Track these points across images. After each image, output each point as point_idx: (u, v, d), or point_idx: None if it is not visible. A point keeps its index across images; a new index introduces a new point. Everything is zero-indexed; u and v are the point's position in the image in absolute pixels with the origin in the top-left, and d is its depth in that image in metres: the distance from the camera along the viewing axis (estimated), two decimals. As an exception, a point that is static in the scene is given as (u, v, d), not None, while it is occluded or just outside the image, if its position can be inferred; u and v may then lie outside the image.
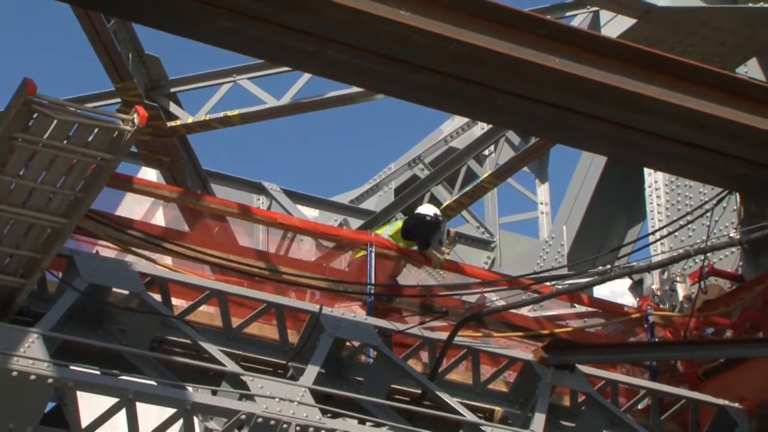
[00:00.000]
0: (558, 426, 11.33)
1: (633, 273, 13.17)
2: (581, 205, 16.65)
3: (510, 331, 12.00)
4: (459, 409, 10.64)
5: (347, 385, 10.76)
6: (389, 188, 18.14)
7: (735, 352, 12.09)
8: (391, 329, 11.05)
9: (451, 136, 17.70)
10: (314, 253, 12.39)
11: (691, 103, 10.31)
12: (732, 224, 13.67)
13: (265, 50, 10.24)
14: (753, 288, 12.36)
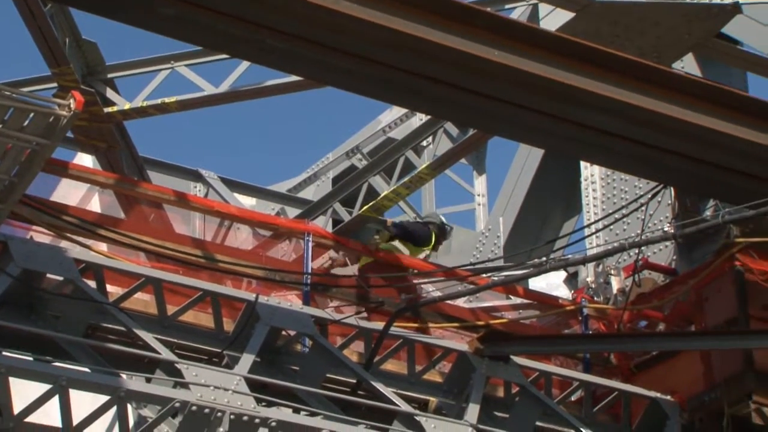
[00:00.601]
0: (491, 417, 11.38)
1: (568, 265, 13.27)
2: (518, 197, 16.72)
3: (446, 322, 12.04)
4: (393, 399, 10.67)
5: (282, 374, 10.75)
6: (327, 178, 18.12)
7: (667, 346, 12.21)
8: (327, 318, 11.05)
9: (389, 127, 17.71)
10: (251, 242, 12.37)
11: (627, 97, 10.39)
12: (666, 218, 13.79)
13: (203, 37, 10.20)
14: (686, 282, 12.47)
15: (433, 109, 11.43)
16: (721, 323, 11.91)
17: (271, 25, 9.72)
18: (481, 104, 10.38)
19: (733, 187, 11.04)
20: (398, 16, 9.75)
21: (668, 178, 11.78)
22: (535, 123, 10.55)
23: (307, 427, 10.06)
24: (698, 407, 11.69)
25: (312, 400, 10.47)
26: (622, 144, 10.69)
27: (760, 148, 10.75)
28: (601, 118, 10.49)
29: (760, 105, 10.86)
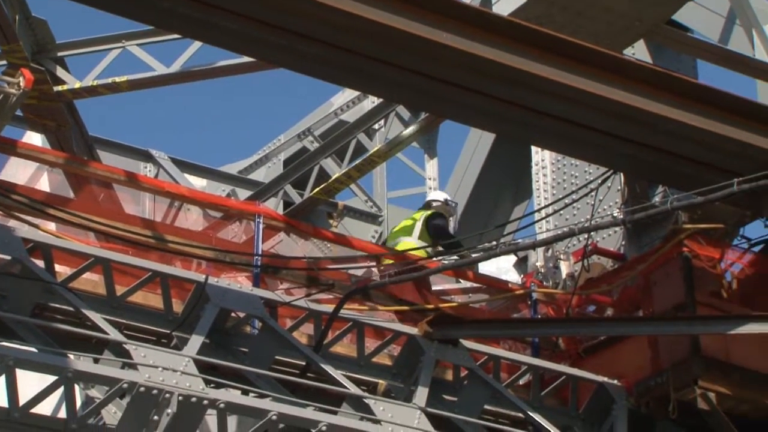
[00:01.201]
0: (440, 400, 11.42)
1: (518, 250, 13.30)
2: (469, 181, 16.76)
3: (395, 305, 12.06)
4: (342, 382, 10.68)
5: (231, 355, 10.73)
6: (278, 160, 18.07)
7: (615, 330, 12.28)
8: (276, 301, 11.04)
9: (341, 109, 17.69)
10: (201, 223, 12.33)
11: (578, 82, 10.43)
12: (616, 204, 13.88)
13: (155, 16, 10.14)
14: (634, 267, 12.55)
15: (385, 92, 11.43)
16: (668, 309, 11.99)
17: (225, 6, 9.68)
18: (432, 88, 10.39)
19: (682, 173, 11.13)
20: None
21: (618, 163, 11.84)
22: (487, 107, 10.57)
23: (256, 408, 10.05)
24: (645, 392, 11.77)
25: (261, 382, 10.47)
26: (574, 130, 10.73)
27: (709, 135, 10.84)
28: (552, 104, 10.53)
29: (709, 92, 10.94)
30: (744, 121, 10.96)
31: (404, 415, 10.55)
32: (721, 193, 10.51)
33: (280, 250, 12.12)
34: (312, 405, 10.41)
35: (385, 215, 18.10)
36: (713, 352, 11.67)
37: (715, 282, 12.17)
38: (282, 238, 12.16)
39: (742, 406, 11.77)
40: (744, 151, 10.94)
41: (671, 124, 10.73)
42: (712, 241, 12.24)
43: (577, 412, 11.97)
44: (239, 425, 11.14)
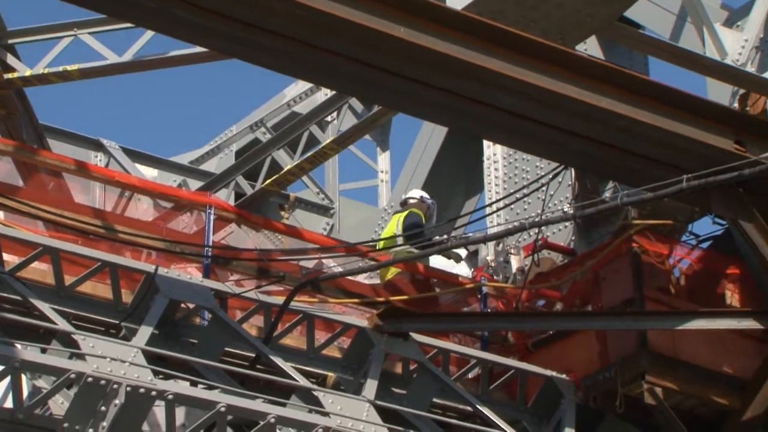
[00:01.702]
0: (389, 393, 11.43)
1: (469, 244, 13.36)
2: (421, 174, 16.77)
3: (346, 298, 12.07)
4: (292, 374, 10.67)
5: (180, 347, 10.70)
6: (230, 150, 18.02)
7: (564, 325, 12.35)
8: (227, 292, 11.01)
9: (294, 101, 17.65)
10: (152, 213, 12.27)
11: (531, 77, 10.47)
12: (566, 199, 13.93)
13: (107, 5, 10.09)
14: (584, 262, 12.61)
15: (338, 84, 11.42)
16: (617, 304, 12.07)
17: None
18: (386, 81, 10.39)
19: (632, 169, 11.19)
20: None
21: (569, 159, 11.89)
22: (439, 101, 10.59)
23: (205, 400, 10.02)
24: (593, 386, 11.84)
25: (210, 374, 10.44)
26: (525, 124, 10.77)
27: (659, 132, 10.90)
28: (504, 98, 10.55)
29: (660, 89, 11.01)
30: (694, 118, 11.04)
31: (353, 408, 10.56)
32: (670, 189, 10.58)
33: (230, 242, 12.09)
34: (261, 397, 10.39)
35: (336, 207, 18.09)
36: (660, 347, 11.75)
37: (663, 278, 12.27)
38: (233, 229, 12.14)
39: (688, 401, 11.87)
40: (693, 147, 11.02)
41: (622, 120, 10.78)
42: (661, 237, 12.33)
43: (526, 406, 12.02)
44: (187, 417, 11.10)
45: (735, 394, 11.93)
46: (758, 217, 11.07)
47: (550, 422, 11.84)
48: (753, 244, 11.11)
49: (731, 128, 11.20)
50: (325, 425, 10.27)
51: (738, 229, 11.22)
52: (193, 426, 10.13)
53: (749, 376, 11.94)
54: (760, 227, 11.07)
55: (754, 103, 12.54)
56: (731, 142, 11.14)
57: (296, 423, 10.34)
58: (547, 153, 11.83)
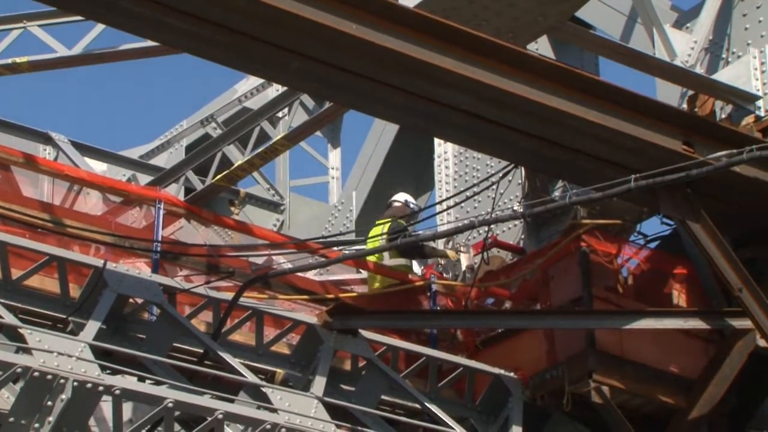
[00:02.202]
0: (338, 389, 11.44)
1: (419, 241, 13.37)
2: (372, 171, 16.77)
3: (295, 294, 12.05)
4: (240, 370, 10.65)
5: (128, 342, 10.65)
6: (180, 145, 17.94)
7: (512, 323, 12.39)
8: (175, 287, 10.98)
9: (245, 96, 17.60)
10: (101, 208, 12.21)
11: (482, 76, 10.50)
12: (516, 198, 13.99)
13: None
14: (533, 261, 12.66)
15: (289, 80, 11.40)
16: (565, 303, 12.13)
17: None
18: (337, 78, 10.39)
19: (581, 169, 11.24)
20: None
21: (519, 158, 11.94)
22: (391, 98, 10.60)
23: (152, 395, 9.98)
24: (540, 385, 11.89)
25: (158, 369, 10.40)
26: (476, 122, 10.80)
27: (608, 131, 10.96)
28: (456, 96, 10.58)
29: (610, 89, 11.07)
30: (643, 119, 11.11)
31: (301, 405, 10.56)
32: (618, 189, 10.64)
33: (180, 237, 12.05)
34: (209, 393, 10.37)
35: (287, 204, 18.06)
36: (608, 346, 11.82)
37: (611, 277, 12.34)
38: (182, 224, 12.10)
39: (634, 400, 11.94)
40: (642, 148, 11.09)
41: (572, 119, 10.84)
42: (609, 237, 12.40)
43: (474, 404, 12.06)
44: (135, 412, 11.05)
45: (681, 393, 12.02)
46: (705, 218, 11.16)
47: (498, 420, 11.89)
48: (700, 245, 11.20)
49: (680, 129, 11.29)
50: (273, 422, 10.26)
51: (685, 229, 11.31)
52: (140, 421, 10.09)
53: (695, 376, 12.04)
54: (708, 227, 11.16)
55: (702, 104, 12.65)
56: (680, 142, 11.23)
57: (244, 419, 10.32)
58: (498, 151, 11.87)
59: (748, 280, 11.23)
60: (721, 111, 12.61)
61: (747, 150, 10.58)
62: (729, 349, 11.87)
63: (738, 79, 12.36)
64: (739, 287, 11.20)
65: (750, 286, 11.23)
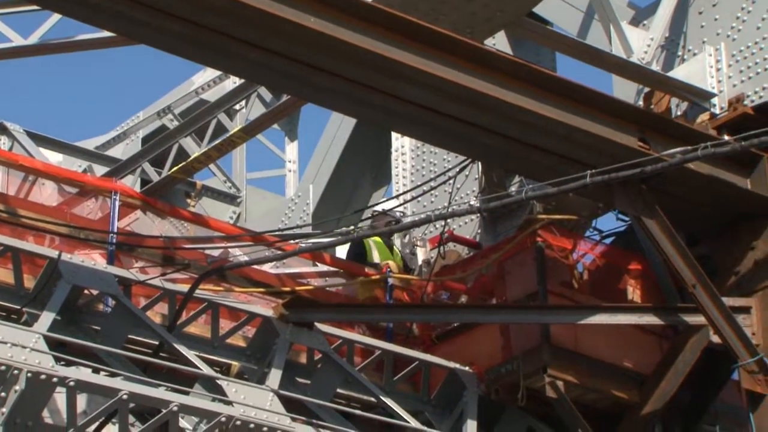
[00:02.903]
0: (293, 383, 11.44)
1: (375, 235, 13.39)
2: (329, 165, 16.76)
3: (251, 287, 12.04)
4: (196, 362, 10.63)
5: (83, 333, 10.61)
6: (137, 137, 17.84)
7: (468, 318, 12.43)
8: (131, 279, 10.94)
9: (202, 88, 17.52)
10: (56, 198, 12.14)
11: (440, 71, 10.52)
12: (473, 192, 14.02)
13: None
14: (489, 256, 12.70)
15: (247, 73, 11.38)
16: (520, 297, 12.17)
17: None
18: (294, 70, 10.38)
19: (537, 164, 11.29)
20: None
21: (476, 153, 11.97)
22: (348, 92, 10.60)
23: (106, 387, 9.94)
24: (495, 379, 11.92)
25: (112, 361, 10.36)
26: (433, 117, 10.81)
27: (565, 127, 11.01)
28: (413, 91, 10.59)
29: (566, 85, 11.11)
30: (599, 115, 11.16)
31: (257, 397, 10.55)
32: (574, 184, 10.70)
33: (136, 229, 12.01)
34: (164, 385, 10.34)
35: (243, 196, 18.02)
36: (563, 341, 11.88)
37: (566, 272, 12.40)
38: (138, 216, 12.05)
39: (588, 394, 12.01)
40: (598, 144, 11.14)
41: (528, 115, 10.87)
42: (565, 232, 12.45)
43: (429, 398, 12.09)
44: (89, 404, 11.00)
45: (635, 388, 12.09)
46: (660, 214, 11.23)
47: (453, 414, 11.92)
48: (655, 241, 11.27)
49: (636, 126, 11.35)
50: (228, 414, 10.24)
51: (640, 225, 11.37)
52: (94, 413, 10.05)
53: (649, 371, 12.12)
54: (662, 224, 11.23)
55: (658, 101, 12.72)
56: (635, 139, 11.29)
57: (199, 411, 10.30)
58: (455, 146, 11.90)
59: (701, 276, 11.31)
60: (677, 108, 12.68)
61: (702, 147, 10.66)
62: (682, 344, 11.95)
63: (694, 76, 12.44)
64: (693, 283, 11.27)
65: (704, 282, 11.31)
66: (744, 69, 12.28)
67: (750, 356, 11.33)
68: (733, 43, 12.45)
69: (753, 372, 11.34)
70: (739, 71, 12.31)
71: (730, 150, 10.81)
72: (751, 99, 12.14)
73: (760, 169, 11.80)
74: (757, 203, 11.79)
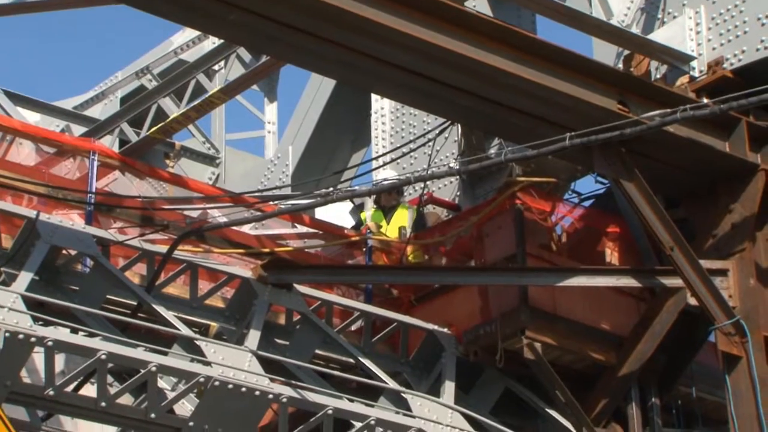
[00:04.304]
0: (272, 343, 11.46)
1: (354, 196, 13.39)
2: (308, 126, 16.73)
3: (230, 248, 12.03)
4: (174, 323, 10.63)
5: (61, 293, 10.60)
6: (115, 97, 17.78)
7: (447, 280, 12.45)
8: (109, 239, 10.92)
9: (181, 49, 17.45)
10: (34, 158, 12.09)
11: (421, 33, 10.49)
12: (452, 155, 14.02)
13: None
14: (468, 218, 12.71)
15: (226, 33, 11.33)
16: (499, 260, 12.20)
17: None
18: (274, 31, 10.33)
19: (517, 126, 11.29)
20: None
21: (456, 115, 11.96)
22: (328, 54, 10.56)
23: (85, 347, 9.94)
24: (474, 340, 11.96)
25: (91, 321, 10.36)
26: (413, 79, 10.79)
27: (545, 90, 11.00)
28: (394, 53, 10.56)
29: (546, 47, 11.10)
30: (579, 78, 11.16)
31: (235, 358, 10.56)
32: (553, 147, 10.70)
33: (114, 189, 11.98)
34: (142, 345, 10.34)
35: (222, 157, 17.99)
36: (541, 303, 11.92)
37: (545, 235, 12.42)
38: (117, 176, 12.02)
39: (566, 356, 12.06)
40: (578, 106, 11.15)
41: (508, 77, 10.86)
42: (544, 195, 12.47)
43: (407, 359, 12.13)
44: (67, 364, 11.01)
45: (612, 350, 12.15)
46: (639, 177, 11.25)
47: (431, 375, 11.96)
48: (633, 203, 11.29)
49: (615, 88, 11.35)
50: (206, 374, 10.25)
51: (619, 188, 11.40)
52: (72, 373, 10.05)
53: (626, 333, 12.17)
54: (641, 187, 11.25)
55: (638, 64, 12.72)
56: (615, 102, 11.30)
57: (178, 372, 10.31)
58: (435, 108, 11.89)
59: (679, 239, 11.35)
60: (657, 71, 12.68)
61: (681, 110, 10.67)
62: (660, 307, 12.01)
63: (673, 39, 12.44)
64: (670, 246, 11.32)
65: (681, 245, 11.35)
66: (723, 32, 12.28)
67: (726, 318, 11.40)
68: (713, 6, 12.44)
69: (729, 334, 11.41)
70: (718, 34, 12.31)
71: (709, 113, 10.82)
72: (730, 62, 12.14)
73: (738, 132, 11.83)
74: (735, 166, 11.83)
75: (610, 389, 12.07)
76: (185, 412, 10.48)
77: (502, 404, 12.11)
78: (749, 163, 11.81)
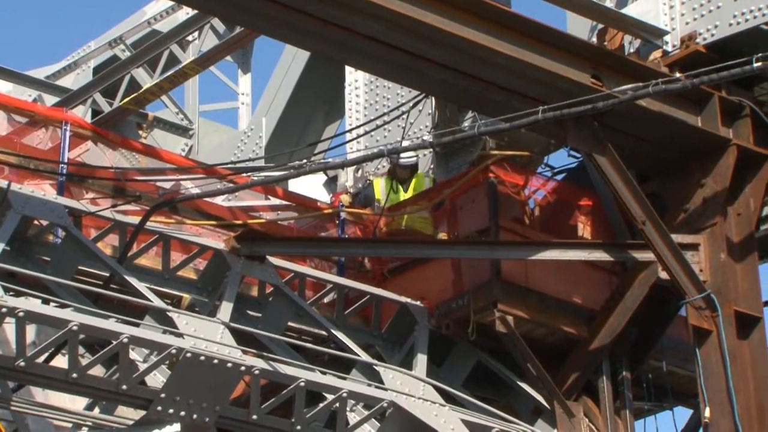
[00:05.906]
0: (244, 315, 11.46)
1: (328, 168, 13.38)
2: (282, 98, 16.68)
3: (203, 220, 12.01)
4: (146, 294, 10.61)
5: (33, 264, 10.56)
6: (88, 67, 17.68)
7: (420, 253, 12.46)
8: (81, 210, 10.89)
9: (154, 19, 17.36)
10: (5, 128, 12.03)
11: (394, 5, 10.46)
12: (426, 128, 14.01)
13: None
14: (441, 191, 12.73)
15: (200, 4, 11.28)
16: (472, 233, 12.22)
17: None
18: (247, 2, 10.30)
19: (491, 100, 11.28)
20: None
21: (429, 87, 11.95)
22: (303, 25, 10.53)
23: (56, 318, 9.91)
24: (446, 313, 12.00)
25: (62, 292, 10.33)
26: (387, 51, 10.77)
27: (519, 63, 11.00)
28: (368, 24, 10.54)
29: (520, 21, 11.09)
30: (552, 51, 11.16)
31: (207, 330, 10.56)
32: (526, 120, 10.72)
33: (86, 159, 11.94)
34: (114, 317, 10.32)
35: (195, 128, 17.94)
36: (513, 276, 11.95)
37: (518, 208, 12.45)
38: (89, 146, 11.97)
39: (538, 330, 12.11)
40: (552, 80, 11.15)
41: (482, 50, 10.85)
42: (517, 168, 12.50)
43: (380, 332, 12.15)
44: (38, 335, 10.99)
45: (583, 323, 12.21)
46: (612, 151, 11.28)
47: (403, 348, 11.99)
48: (606, 177, 11.33)
49: (589, 62, 11.36)
50: (178, 346, 10.24)
51: (592, 161, 11.42)
52: (43, 344, 10.02)
53: (598, 307, 12.23)
54: (613, 161, 11.28)
55: (611, 38, 12.73)
56: (588, 76, 11.31)
57: (149, 343, 10.30)
58: (408, 81, 11.87)
59: (651, 213, 11.39)
60: (630, 45, 12.69)
61: (653, 84, 10.69)
62: (631, 281, 12.06)
63: (647, 13, 12.45)
64: (642, 220, 11.36)
65: (653, 219, 11.40)
66: (696, 7, 12.29)
67: (697, 292, 11.46)
68: (687, -19, 12.46)
69: (700, 308, 11.48)
70: (691, 9, 12.32)
71: (681, 87, 10.86)
72: (703, 37, 12.16)
73: (710, 106, 11.87)
74: (707, 141, 11.87)
75: (582, 363, 12.13)
76: (157, 384, 10.47)
77: (474, 377, 12.16)
78: (721, 138, 11.86)
